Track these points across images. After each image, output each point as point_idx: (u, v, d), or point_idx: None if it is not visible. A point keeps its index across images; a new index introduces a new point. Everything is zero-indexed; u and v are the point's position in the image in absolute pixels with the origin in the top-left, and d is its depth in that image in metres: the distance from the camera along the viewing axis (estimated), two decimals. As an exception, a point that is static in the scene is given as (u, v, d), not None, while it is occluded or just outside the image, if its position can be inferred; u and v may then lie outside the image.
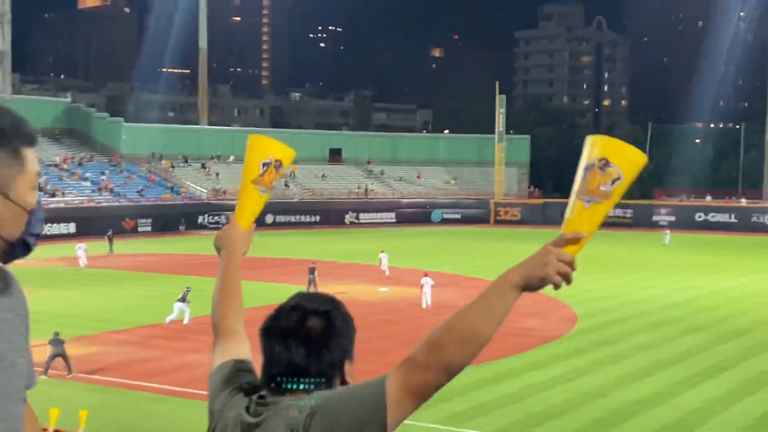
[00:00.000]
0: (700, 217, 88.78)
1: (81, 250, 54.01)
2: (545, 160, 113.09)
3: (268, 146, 3.38)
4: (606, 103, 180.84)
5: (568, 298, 40.84)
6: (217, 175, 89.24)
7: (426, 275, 39.85)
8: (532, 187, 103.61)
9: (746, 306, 40.38)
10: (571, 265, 2.46)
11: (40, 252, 46.50)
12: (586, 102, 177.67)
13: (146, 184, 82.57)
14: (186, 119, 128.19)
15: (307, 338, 2.60)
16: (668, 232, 74.14)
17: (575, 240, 2.50)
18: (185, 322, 33.65)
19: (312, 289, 40.86)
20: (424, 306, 38.42)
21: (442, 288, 44.30)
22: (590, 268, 54.25)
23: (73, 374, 26.13)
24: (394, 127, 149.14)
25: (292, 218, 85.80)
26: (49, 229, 67.12)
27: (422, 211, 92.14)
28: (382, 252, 51.73)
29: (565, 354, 29.65)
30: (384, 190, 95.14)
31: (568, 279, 2.47)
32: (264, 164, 3.35)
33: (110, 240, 60.97)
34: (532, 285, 2.46)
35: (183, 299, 34.45)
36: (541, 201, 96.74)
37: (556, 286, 2.48)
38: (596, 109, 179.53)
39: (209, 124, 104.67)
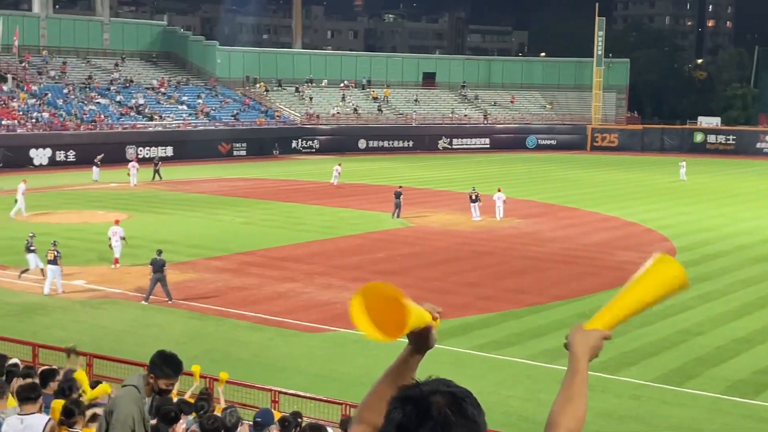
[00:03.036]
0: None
1: (134, 168, 54.84)
2: (645, 84, 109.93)
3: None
4: (710, 24, 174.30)
5: (666, 230, 39.95)
6: (311, 99, 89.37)
7: (499, 191, 43.17)
8: (630, 112, 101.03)
9: None
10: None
11: (139, 175, 46.88)
12: (689, 23, 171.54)
13: (241, 108, 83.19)
14: (279, 42, 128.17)
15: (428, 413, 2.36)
16: (684, 163, 64.07)
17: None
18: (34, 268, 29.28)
19: (397, 215, 40.66)
20: (498, 219, 42.23)
21: (536, 219, 43.84)
22: (688, 198, 52.95)
23: (172, 301, 26.69)
24: (488, 49, 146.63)
25: (385, 143, 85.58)
26: (148, 152, 68.37)
27: (517, 137, 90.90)
28: (339, 164, 55.82)
29: (663, 289, 28.98)
30: (478, 115, 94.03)
31: None
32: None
33: (156, 166, 58.77)
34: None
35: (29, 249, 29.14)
36: (640, 127, 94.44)
37: None
38: (699, 30, 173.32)
39: (302, 47, 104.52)
